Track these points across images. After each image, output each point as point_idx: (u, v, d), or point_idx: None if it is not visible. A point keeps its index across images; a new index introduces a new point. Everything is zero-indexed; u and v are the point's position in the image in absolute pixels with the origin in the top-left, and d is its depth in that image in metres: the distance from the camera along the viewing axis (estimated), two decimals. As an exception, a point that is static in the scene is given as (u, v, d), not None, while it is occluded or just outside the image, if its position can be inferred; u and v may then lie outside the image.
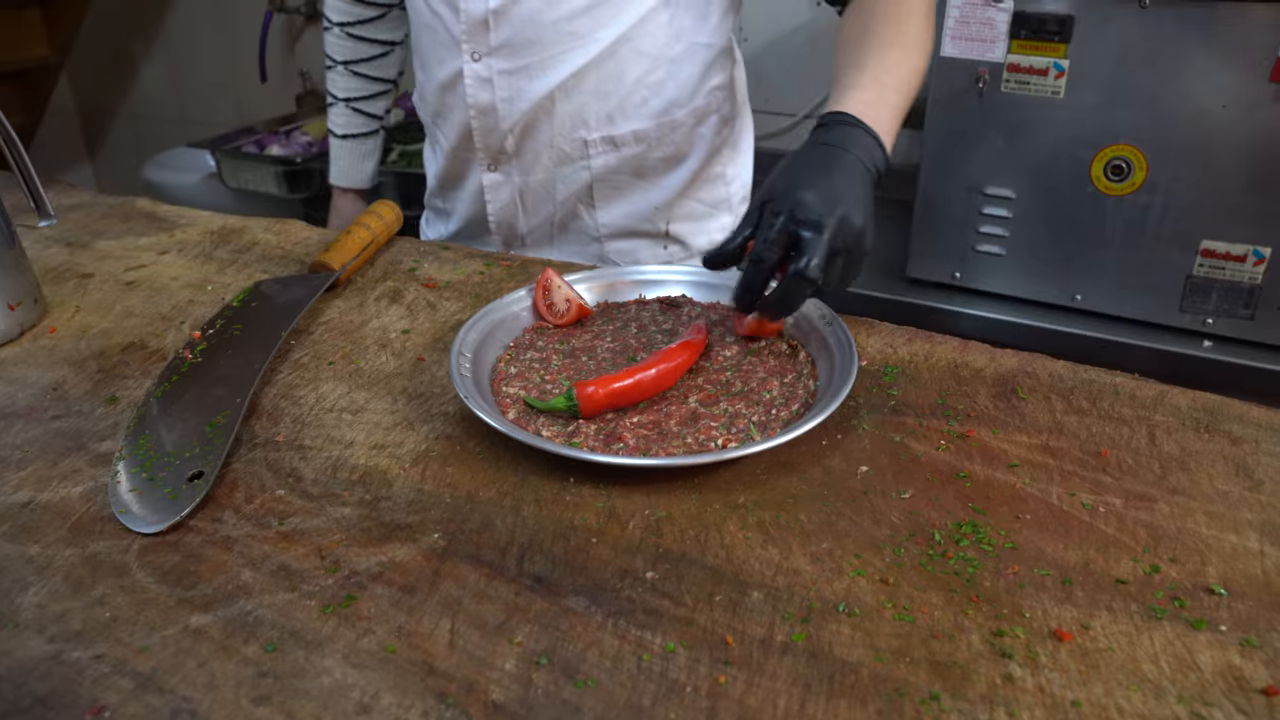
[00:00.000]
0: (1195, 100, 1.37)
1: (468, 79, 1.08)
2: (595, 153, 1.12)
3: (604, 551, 0.62)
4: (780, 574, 0.60)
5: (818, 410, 0.72)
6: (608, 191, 1.16)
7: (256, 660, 0.54)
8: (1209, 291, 1.45)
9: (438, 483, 0.69)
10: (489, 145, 1.13)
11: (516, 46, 1.05)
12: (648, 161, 1.15)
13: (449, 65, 1.10)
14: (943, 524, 0.64)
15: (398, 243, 1.13)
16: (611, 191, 1.16)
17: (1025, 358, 0.84)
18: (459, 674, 0.53)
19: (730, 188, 1.25)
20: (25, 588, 0.61)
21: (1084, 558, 0.61)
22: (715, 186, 1.22)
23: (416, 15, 1.13)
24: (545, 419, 0.75)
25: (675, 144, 1.14)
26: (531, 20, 1.03)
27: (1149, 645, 0.53)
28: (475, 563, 0.61)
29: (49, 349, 0.92)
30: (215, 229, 1.21)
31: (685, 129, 1.14)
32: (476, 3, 1.03)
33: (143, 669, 0.54)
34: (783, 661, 0.53)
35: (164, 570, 0.62)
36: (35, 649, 0.56)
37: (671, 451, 0.70)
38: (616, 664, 0.53)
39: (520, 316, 0.90)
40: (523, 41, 1.05)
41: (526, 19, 1.03)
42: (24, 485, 0.71)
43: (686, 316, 0.90)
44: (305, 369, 0.86)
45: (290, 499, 0.68)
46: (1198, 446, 0.71)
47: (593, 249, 1.21)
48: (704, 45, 1.11)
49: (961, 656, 0.53)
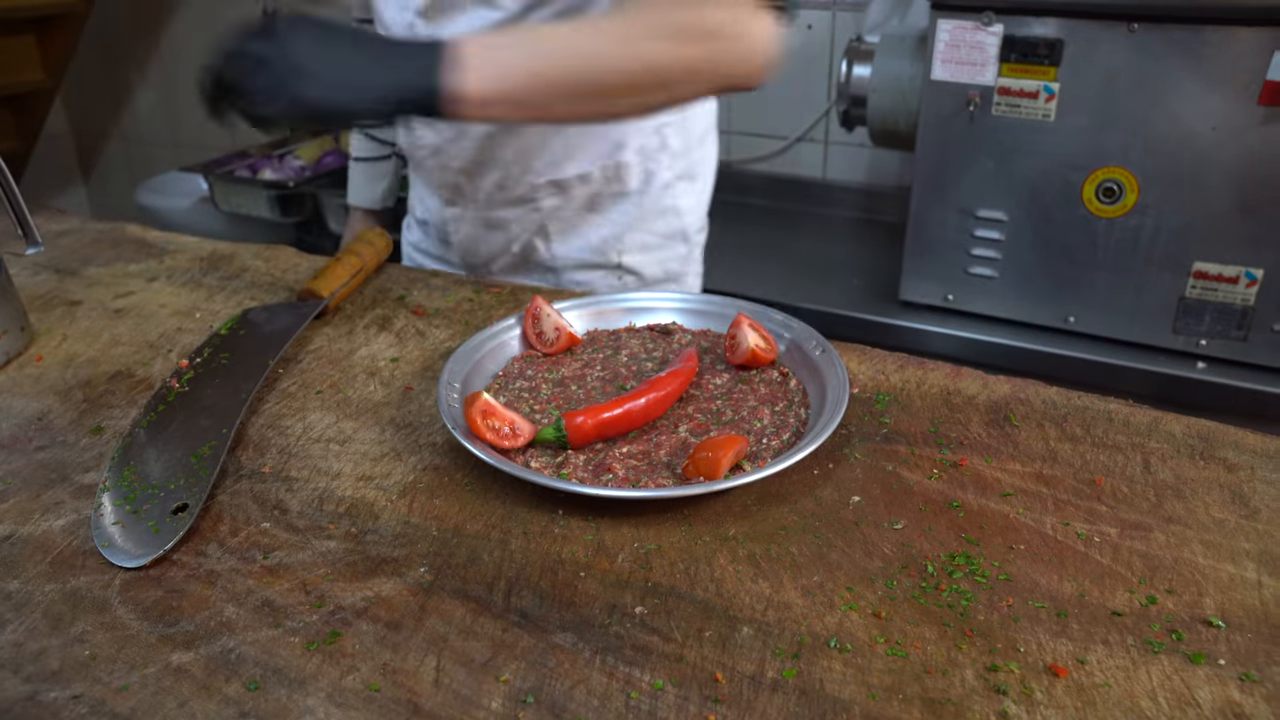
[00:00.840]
0: (1185, 123, 1.37)
1: (416, 121, 1.11)
2: (542, 196, 1.14)
3: (592, 586, 0.61)
4: (771, 608, 0.59)
5: (809, 440, 0.72)
6: (561, 226, 1.18)
7: (238, 699, 0.53)
8: (1202, 313, 1.45)
9: (425, 515, 0.68)
10: (444, 182, 1.18)
11: None
12: (598, 198, 1.16)
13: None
14: (935, 555, 0.63)
15: (387, 269, 1.13)
16: (565, 226, 1.18)
17: (1018, 384, 0.84)
18: (444, 713, 0.52)
19: (684, 219, 1.24)
20: (2, 625, 0.60)
21: (1079, 589, 0.60)
22: (668, 218, 1.22)
23: None
24: (534, 450, 0.74)
25: (623, 182, 1.15)
26: None
27: (1146, 680, 0.53)
28: (462, 598, 0.60)
29: (35, 378, 0.91)
30: (205, 255, 1.20)
31: (633, 168, 1.15)
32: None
33: (121, 710, 0.53)
34: (773, 699, 0.52)
35: (146, 606, 0.61)
36: (10, 690, 0.55)
37: (661, 483, 0.69)
38: (604, 702, 0.52)
39: (509, 345, 0.89)
40: None
41: None
42: (5, 518, 0.70)
43: (677, 344, 0.89)
44: (293, 398, 0.86)
45: (275, 532, 0.67)
46: (1193, 474, 0.71)
47: (550, 279, 1.23)
48: None
49: (955, 693, 0.52)
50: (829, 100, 2.24)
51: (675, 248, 1.25)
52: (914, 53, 1.66)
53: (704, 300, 0.94)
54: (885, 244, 2.04)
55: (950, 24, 1.49)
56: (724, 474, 0.68)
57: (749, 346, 0.83)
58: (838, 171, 2.31)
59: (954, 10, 1.47)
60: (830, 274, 1.93)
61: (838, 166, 2.30)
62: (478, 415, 0.73)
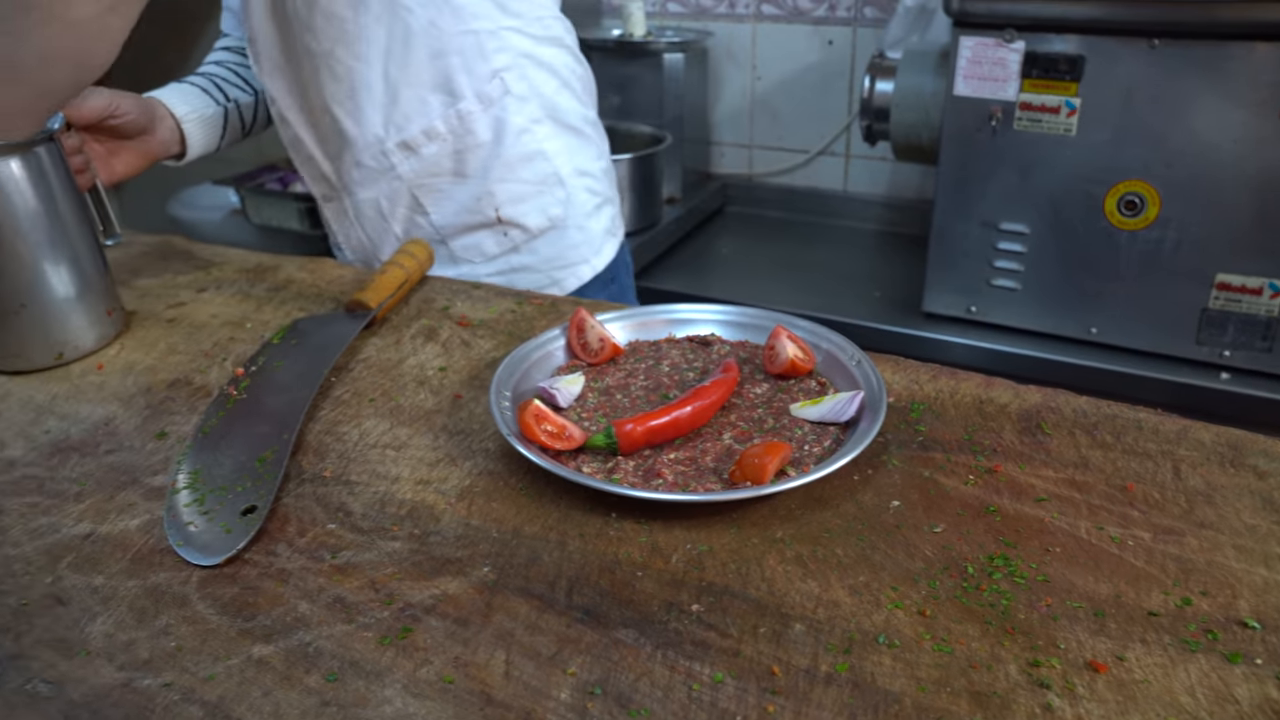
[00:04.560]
0: (1206, 136, 1.40)
1: (277, 123, 1.26)
2: (397, 161, 1.19)
3: (649, 585, 0.64)
4: (820, 606, 0.62)
5: (850, 446, 0.74)
6: (432, 195, 1.22)
7: (319, 690, 0.56)
8: (1225, 324, 1.47)
9: (484, 518, 0.72)
10: (314, 176, 1.27)
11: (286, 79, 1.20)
12: (458, 156, 1.20)
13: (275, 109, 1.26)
14: (975, 557, 0.66)
15: (429, 281, 1.16)
16: (435, 194, 1.22)
17: (1048, 393, 0.86)
18: (516, 704, 0.55)
19: (554, 162, 1.25)
20: (93, 617, 0.63)
21: (1115, 590, 0.63)
22: (536, 164, 1.23)
23: None
24: (585, 456, 0.77)
25: (474, 134, 1.18)
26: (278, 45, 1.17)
27: (1185, 677, 0.55)
28: (526, 595, 0.63)
29: (98, 385, 0.95)
30: (250, 267, 1.24)
31: (478, 116, 1.18)
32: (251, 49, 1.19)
33: (210, 698, 0.56)
34: (828, 691, 0.55)
35: (223, 602, 0.64)
36: (107, 676, 0.58)
37: (709, 487, 0.72)
38: (668, 694, 0.55)
39: (554, 355, 0.92)
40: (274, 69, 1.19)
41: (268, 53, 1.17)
42: (84, 517, 0.74)
43: (716, 354, 0.92)
44: (347, 405, 0.89)
45: (341, 533, 0.71)
46: (1223, 481, 0.73)
47: (442, 251, 1.26)
48: (460, 34, 1.14)
49: (1000, 687, 0.55)
50: (849, 114, 2.27)
51: (552, 192, 1.25)
52: (936, 68, 1.69)
53: (741, 312, 0.97)
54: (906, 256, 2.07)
55: (972, 41, 1.52)
56: (770, 479, 0.71)
57: (788, 357, 0.86)
58: (858, 184, 2.34)
59: (976, 28, 1.51)
60: (852, 286, 1.96)
61: (858, 179, 2.33)
62: (531, 420, 0.76)
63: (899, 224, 2.26)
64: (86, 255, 1.01)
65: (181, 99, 1.27)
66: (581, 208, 1.29)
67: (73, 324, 1.00)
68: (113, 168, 1.18)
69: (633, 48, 2.19)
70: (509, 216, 1.24)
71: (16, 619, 0.63)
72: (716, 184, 2.46)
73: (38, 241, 0.95)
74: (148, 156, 1.23)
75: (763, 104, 2.37)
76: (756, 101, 2.38)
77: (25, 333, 0.97)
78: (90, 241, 1.02)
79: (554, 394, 0.84)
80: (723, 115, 2.44)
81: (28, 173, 0.93)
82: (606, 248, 1.34)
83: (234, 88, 1.34)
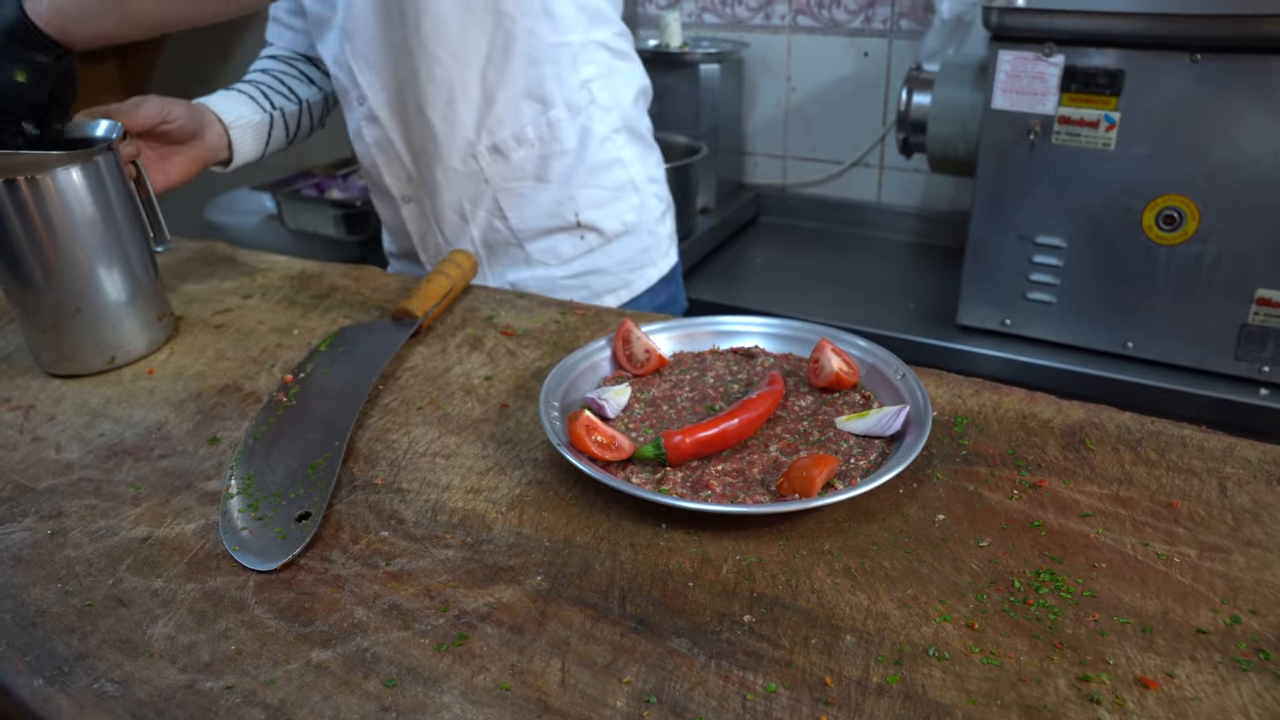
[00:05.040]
0: (1247, 151, 1.39)
1: (363, 122, 1.26)
2: (485, 164, 1.22)
3: (701, 595, 0.65)
4: (870, 618, 0.62)
5: (896, 460, 0.75)
6: (513, 199, 1.25)
7: (378, 695, 0.58)
8: (1265, 340, 1.46)
9: (535, 527, 0.73)
10: (396, 177, 1.28)
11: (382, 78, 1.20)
12: (542, 162, 1.23)
13: (351, 117, 1.28)
14: (1021, 572, 0.66)
15: (473, 291, 1.18)
16: (517, 199, 1.25)
17: (1091, 409, 0.86)
18: (574, 711, 0.56)
19: (631, 170, 1.31)
20: (154, 620, 0.65)
21: (1162, 607, 0.63)
22: (614, 171, 1.29)
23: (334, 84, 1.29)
24: (634, 466, 0.78)
25: (560, 140, 1.23)
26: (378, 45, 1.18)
27: (1237, 696, 0.55)
28: (579, 604, 0.64)
29: (149, 390, 0.97)
30: (295, 274, 1.26)
31: (565, 124, 1.22)
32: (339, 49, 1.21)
33: (271, 701, 0.58)
34: (880, 703, 0.56)
35: (280, 607, 0.66)
36: (171, 678, 0.59)
37: (758, 499, 0.73)
38: (722, 703, 0.56)
39: (600, 365, 0.93)
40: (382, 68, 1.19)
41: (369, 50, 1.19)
42: (141, 521, 0.76)
43: (760, 367, 0.93)
44: (395, 414, 0.90)
45: (394, 540, 0.72)
46: (1270, 499, 0.73)
47: (518, 254, 1.30)
48: (556, 45, 1.19)
49: (1050, 701, 0.56)
50: (884, 126, 2.28)
51: (627, 198, 1.31)
52: (974, 82, 1.69)
53: (785, 325, 0.98)
54: (940, 268, 2.07)
55: (1011, 55, 1.52)
56: (818, 491, 0.71)
57: (833, 370, 0.87)
58: (892, 196, 2.34)
59: (1015, 42, 1.51)
60: (886, 297, 1.96)
61: (892, 191, 2.33)
62: (582, 430, 0.77)
63: (932, 236, 2.26)
64: (139, 261, 1.03)
65: (228, 106, 1.29)
66: (652, 213, 1.35)
67: (125, 328, 1.02)
68: (166, 173, 1.21)
69: (669, 58, 2.20)
70: (588, 221, 1.28)
71: (81, 619, 0.65)
72: (750, 194, 2.47)
73: (94, 248, 0.98)
74: (198, 162, 1.26)
75: (797, 115, 2.38)
76: (791, 112, 2.38)
77: (79, 336, 0.99)
78: (142, 247, 1.04)
79: (602, 404, 0.85)
80: (757, 126, 2.45)
81: (87, 181, 0.96)
82: (671, 251, 1.42)
83: (279, 95, 1.36)
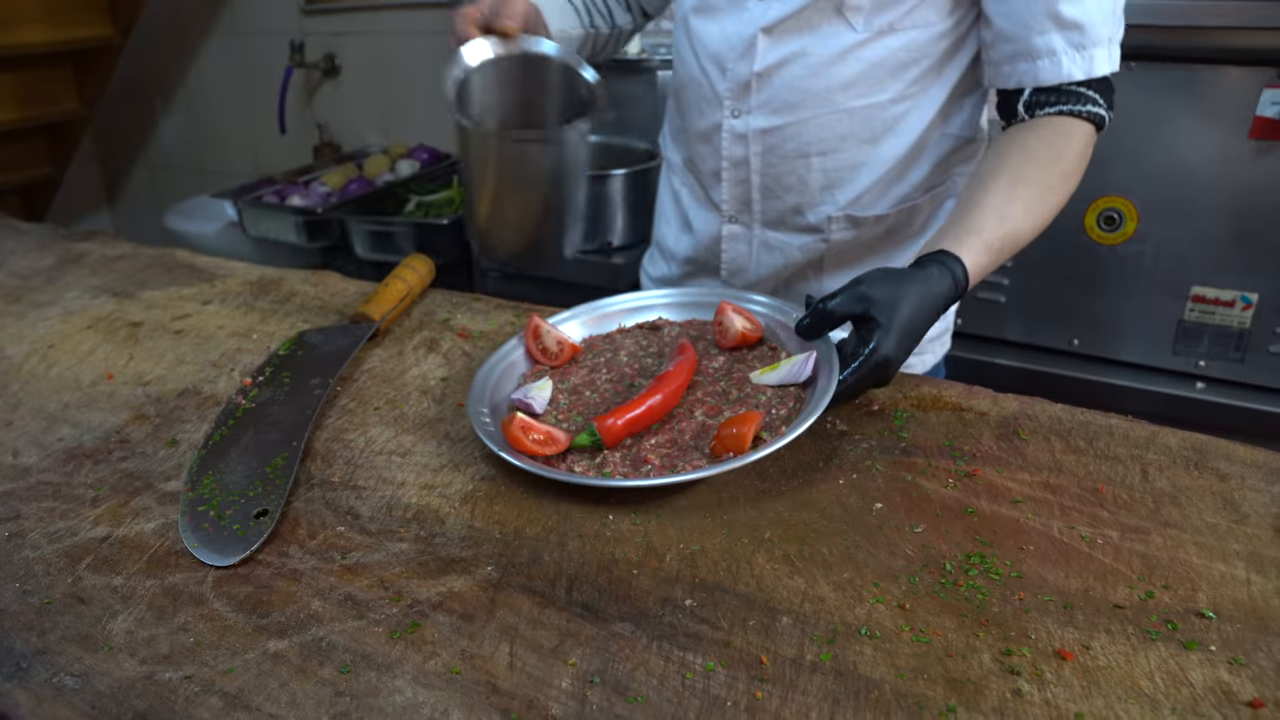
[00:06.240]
0: (1181, 155, 1.45)
1: (725, 133, 1.14)
2: (835, 229, 1.15)
3: (645, 582, 0.67)
4: (806, 601, 0.65)
5: (814, 405, 0.79)
6: (839, 261, 1.18)
7: (333, 681, 0.60)
8: (1200, 335, 1.52)
9: (487, 520, 0.75)
10: (735, 197, 1.18)
11: (776, 108, 1.10)
12: (885, 238, 1.17)
13: (710, 118, 1.16)
14: (953, 555, 0.70)
15: (430, 294, 1.20)
16: (842, 262, 1.18)
17: (1025, 401, 0.90)
18: (520, 692, 0.58)
19: None
20: (114, 615, 0.66)
21: (1084, 585, 0.66)
22: None
23: (684, 69, 1.19)
24: (574, 456, 0.81)
25: (912, 225, 1.17)
26: (794, 86, 1.07)
27: (1145, 663, 0.59)
28: (528, 592, 0.67)
29: (108, 394, 0.98)
30: (254, 280, 1.28)
31: (924, 214, 1.17)
32: (743, 65, 1.08)
33: (229, 689, 0.59)
34: (813, 679, 0.58)
35: (239, 600, 0.67)
36: (130, 670, 0.61)
37: (696, 464, 0.77)
38: (663, 682, 0.58)
39: (516, 364, 0.96)
40: (782, 105, 1.09)
41: (789, 84, 1.07)
42: (101, 521, 0.77)
43: (668, 337, 0.97)
44: (353, 414, 0.92)
45: (350, 535, 0.74)
46: (1188, 483, 0.77)
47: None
48: (955, 136, 1.13)
49: (974, 674, 0.59)
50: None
51: None
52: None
53: (684, 293, 1.03)
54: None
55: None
56: (749, 446, 0.76)
57: (738, 330, 0.91)
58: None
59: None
60: (841, 297, 2.00)
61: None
62: (518, 432, 0.80)
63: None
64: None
65: (558, 14, 1.20)
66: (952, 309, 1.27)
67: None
68: None
69: (627, 65, 2.23)
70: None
71: (40, 617, 0.67)
72: (708, 198, 2.49)
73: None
74: None
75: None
76: (747, 117, 2.41)
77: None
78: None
79: (529, 403, 0.87)
80: (714, 131, 2.47)
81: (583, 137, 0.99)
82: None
83: (599, 16, 1.27)
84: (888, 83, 1.05)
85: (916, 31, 1.02)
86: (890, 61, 1.04)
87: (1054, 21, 0.95)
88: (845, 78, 1.05)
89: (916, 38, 1.03)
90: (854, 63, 1.04)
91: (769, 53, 1.06)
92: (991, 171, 0.96)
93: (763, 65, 1.07)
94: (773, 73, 1.07)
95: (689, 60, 1.17)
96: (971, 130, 1.14)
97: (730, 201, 1.19)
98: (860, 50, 1.03)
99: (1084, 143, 0.98)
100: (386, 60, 2.85)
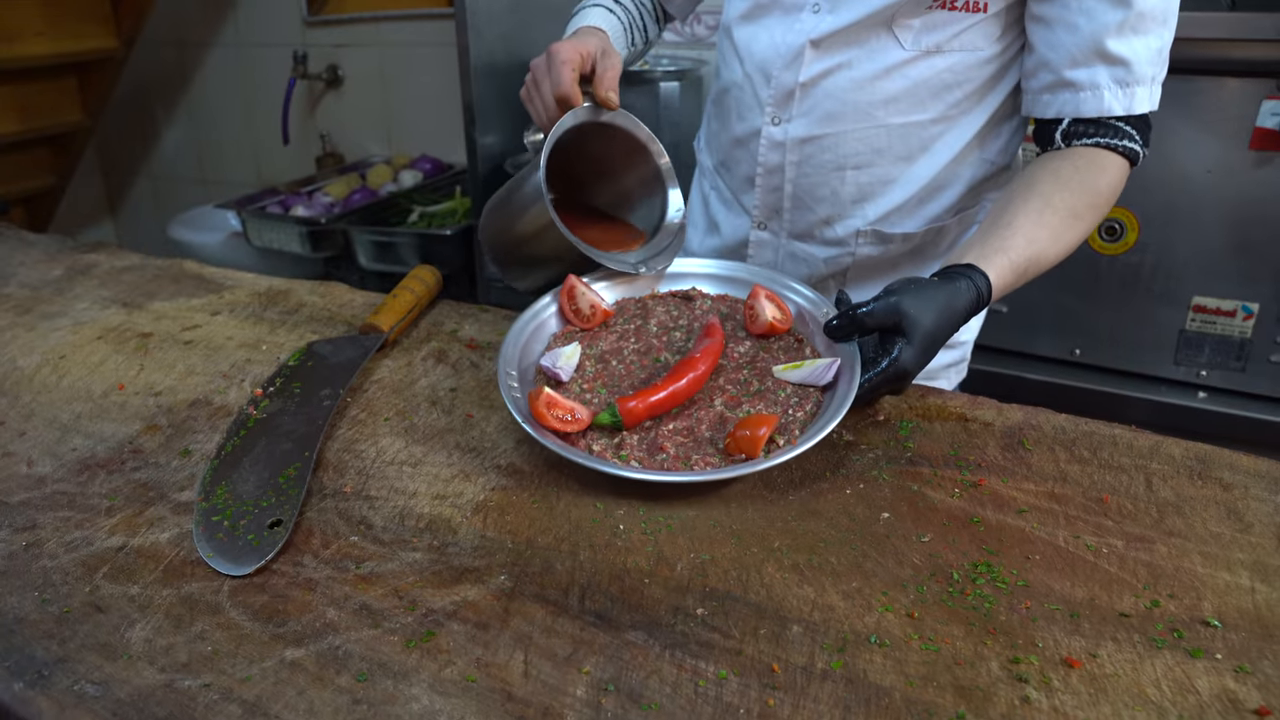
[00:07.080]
0: (1181, 166, 1.46)
1: (763, 139, 1.15)
2: (862, 243, 1.16)
3: (656, 591, 0.68)
4: (816, 610, 0.66)
5: (831, 413, 0.81)
6: (862, 274, 1.20)
7: (350, 689, 0.60)
8: (1201, 345, 1.53)
9: (499, 530, 0.76)
10: (766, 204, 1.19)
11: (817, 119, 1.11)
12: (910, 256, 1.18)
13: (749, 123, 1.16)
14: (960, 564, 0.71)
15: (438, 306, 1.21)
16: (866, 274, 1.20)
17: (1030, 412, 0.91)
18: (535, 700, 0.59)
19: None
20: (132, 623, 0.67)
21: (1090, 594, 0.67)
22: None
23: (727, 74, 1.20)
24: (594, 433, 0.83)
25: (938, 245, 1.18)
26: (836, 98, 1.08)
27: (1151, 671, 0.60)
28: (541, 601, 0.67)
29: (120, 405, 0.99)
30: (262, 290, 1.28)
31: (951, 236, 1.18)
32: (788, 74, 1.09)
33: (248, 697, 0.60)
34: (824, 686, 0.59)
35: (255, 609, 0.68)
36: (150, 678, 0.62)
37: (709, 460, 0.79)
38: (676, 690, 0.59)
39: (547, 323, 0.98)
40: (823, 115, 1.10)
41: (832, 95, 1.08)
42: (116, 531, 0.78)
43: (699, 309, 0.99)
44: (363, 425, 0.93)
45: (364, 545, 0.75)
46: (1192, 492, 0.78)
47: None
48: (990, 162, 1.13)
49: (983, 681, 0.60)
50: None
51: None
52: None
53: (721, 265, 1.04)
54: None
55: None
56: (762, 450, 0.78)
57: (767, 319, 0.93)
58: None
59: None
60: (843, 307, 2.01)
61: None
62: (544, 408, 0.82)
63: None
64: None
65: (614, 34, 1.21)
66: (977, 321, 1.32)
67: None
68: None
69: (629, 76, 2.24)
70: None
71: (60, 625, 0.67)
72: (710, 208, 2.51)
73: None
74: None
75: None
76: (748, 128, 2.43)
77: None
78: None
79: (556, 372, 0.89)
80: (716, 141, 2.49)
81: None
82: None
83: (638, 32, 1.28)
84: (929, 103, 1.06)
85: (963, 55, 1.03)
86: (934, 82, 1.05)
87: (1100, 56, 0.96)
88: (888, 93, 1.06)
89: (962, 60, 1.04)
90: (898, 80, 1.05)
91: (815, 63, 1.08)
92: (1023, 194, 0.97)
93: (808, 75, 1.08)
94: (817, 83, 1.09)
95: (733, 66, 1.18)
96: (1007, 157, 1.15)
97: (761, 208, 1.20)
98: (906, 68, 1.04)
99: (1117, 176, 0.99)
100: (389, 71, 2.87)
